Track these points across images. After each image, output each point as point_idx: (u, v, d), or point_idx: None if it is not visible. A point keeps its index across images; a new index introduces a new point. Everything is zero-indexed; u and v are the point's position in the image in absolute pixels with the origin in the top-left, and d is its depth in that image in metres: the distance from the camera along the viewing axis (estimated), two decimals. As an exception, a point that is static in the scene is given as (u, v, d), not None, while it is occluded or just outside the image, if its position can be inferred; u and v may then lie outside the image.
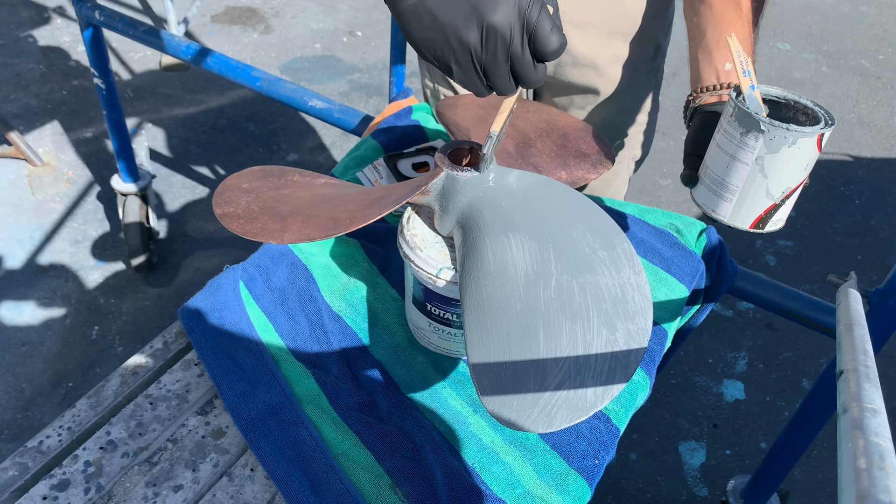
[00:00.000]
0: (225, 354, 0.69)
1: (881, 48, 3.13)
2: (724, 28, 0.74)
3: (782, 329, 1.84)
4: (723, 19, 0.75)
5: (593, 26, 0.91)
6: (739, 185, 0.63)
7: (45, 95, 2.42)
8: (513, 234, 0.59)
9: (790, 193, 0.63)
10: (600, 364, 0.53)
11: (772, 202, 0.63)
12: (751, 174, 0.62)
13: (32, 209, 2.00)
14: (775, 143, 0.59)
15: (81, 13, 1.39)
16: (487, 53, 0.52)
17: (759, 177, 0.62)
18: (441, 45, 0.52)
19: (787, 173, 0.61)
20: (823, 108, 0.63)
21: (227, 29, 2.89)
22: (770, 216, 0.64)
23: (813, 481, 1.50)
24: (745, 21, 0.75)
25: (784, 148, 0.59)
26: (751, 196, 0.63)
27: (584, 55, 0.93)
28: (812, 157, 0.60)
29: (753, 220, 0.64)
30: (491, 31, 0.51)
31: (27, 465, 0.61)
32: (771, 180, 0.62)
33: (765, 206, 0.63)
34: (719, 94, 0.73)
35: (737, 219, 0.65)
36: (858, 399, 0.35)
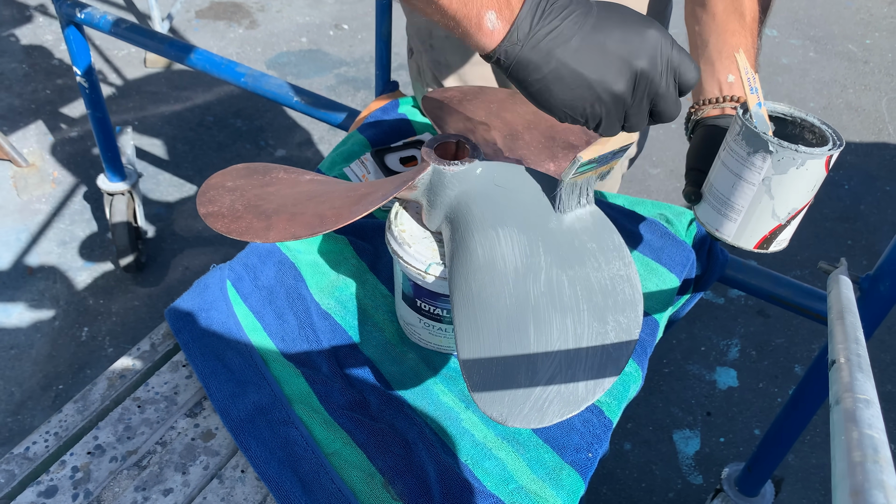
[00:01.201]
0: (213, 355, 0.68)
1: (868, 32, 3.13)
2: (726, 38, 0.72)
3: (774, 316, 1.84)
4: (725, 29, 0.73)
5: None
6: (745, 206, 0.62)
7: (29, 95, 2.39)
8: (501, 228, 0.59)
9: (796, 214, 0.62)
10: (591, 357, 0.53)
11: (777, 223, 0.62)
12: (757, 194, 0.61)
13: (18, 210, 1.98)
14: (783, 165, 0.58)
15: (62, 11, 1.37)
16: (636, 98, 0.51)
17: (766, 197, 0.61)
18: (591, 101, 0.51)
19: (794, 194, 0.60)
20: (831, 128, 0.62)
21: (212, 24, 2.87)
22: (775, 236, 0.63)
23: (807, 466, 1.51)
24: (747, 31, 0.73)
25: (792, 169, 0.58)
26: (756, 216, 0.62)
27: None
28: (820, 179, 0.59)
29: (758, 240, 0.63)
30: (641, 77, 0.50)
31: (14, 472, 0.60)
32: (777, 201, 0.60)
33: (770, 227, 0.62)
34: (722, 106, 0.72)
35: (741, 239, 0.64)
36: (851, 389, 0.35)
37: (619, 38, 0.49)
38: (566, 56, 0.49)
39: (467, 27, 0.49)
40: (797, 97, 2.69)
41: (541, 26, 0.49)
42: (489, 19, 0.48)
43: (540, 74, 0.49)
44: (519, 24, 0.48)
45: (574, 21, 0.49)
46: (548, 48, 0.49)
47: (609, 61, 0.49)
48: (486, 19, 0.48)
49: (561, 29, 0.49)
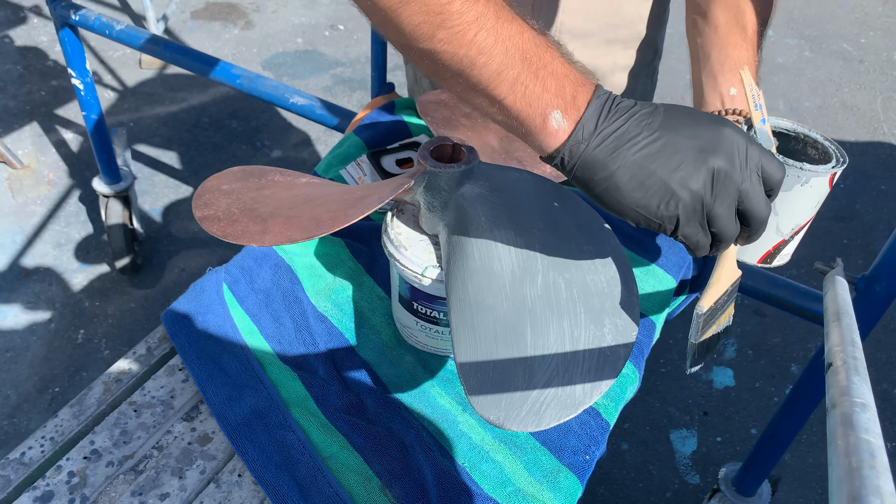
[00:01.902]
0: (209, 359, 0.68)
1: (863, 32, 3.14)
2: (728, 52, 0.72)
3: (771, 315, 1.84)
4: (727, 42, 0.73)
5: (592, 35, 0.89)
6: None
7: (24, 97, 2.38)
8: (498, 230, 0.59)
9: (799, 230, 0.62)
10: (588, 360, 0.53)
11: (781, 238, 0.62)
12: None
13: (13, 212, 1.98)
14: (787, 182, 0.58)
15: (56, 12, 1.37)
16: (716, 196, 0.48)
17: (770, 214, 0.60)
18: (665, 198, 0.47)
19: (797, 211, 0.60)
20: (834, 144, 0.62)
21: (208, 25, 2.86)
22: (778, 251, 0.63)
23: (803, 466, 1.51)
24: (749, 44, 0.73)
25: (796, 186, 0.58)
26: None
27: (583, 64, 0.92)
28: (823, 195, 0.59)
29: (761, 255, 0.64)
30: (719, 173, 0.47)
31: (9, 477, 0.60)
32: (781, 217, 0.61)
33: (773, 243, 0.63)
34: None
35: (745, 254, 0.64)
36: (847, 393, 0.35)
37: (690, 134, 0.47)
38: (635, 154, 0.47)
39: (531, 126, 0.48)
40: (792, 96, 2.70)
41: (607, 124, 0.47)
42: (554, 118, 0.47)
43: (607, 173, 0.47)
44: (585, 122, 0.47)
45: (640, 119, 0.47)
46: (615, 146, 0.47)
47: (681, 157, 0.47)
48: (552, 119, 0.47)
49: (627, 127, 0.47)
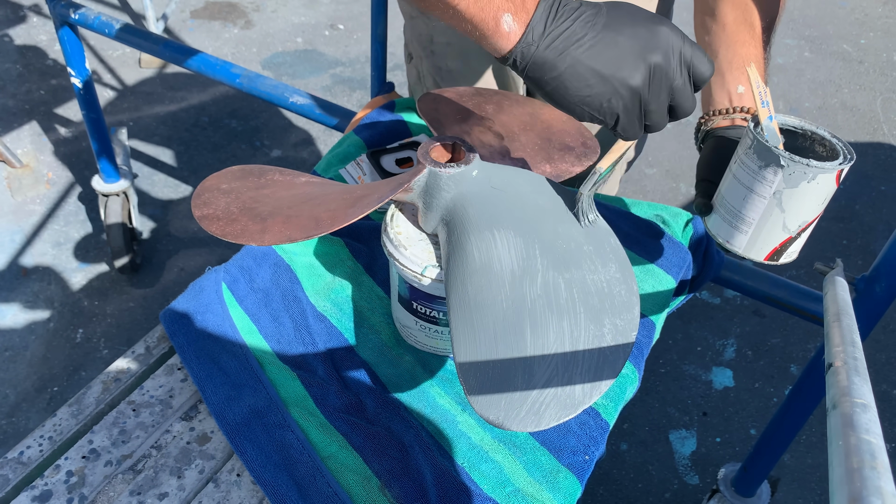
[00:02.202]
0: (208, 358, 0.68)
1: (863, 32, 3.14)
2: (736, 49, 0.73)
3: (770, 315, 1.84)
4: (735, 40, 0.73)
5: None
6: (756, 218, 0.62)
7: (23, 95, 2.38)
8: (498, 230, 0.58)
9: (806, 227, 0.62)
10: (588, 360, 0.53)
11: (788, 235, 0.63)
12: (768, 207, 0.61)
13: (12, 212, 1.97)
14: (794, 179, 0.59)
15: (56, 11, 1.37)
16: (652, 93, 0.52)
17: (777, 210, 0.61)
18: (609, 96, 0.51)
19: (804, 208, 0.61)
20: (842, 141, 0.63)
21: (207, 25, 2.86)
22: (785, 249, 0.64)
23: (802, 466, 1.51)
24: (757, 42, 0.73)
25: (803, 183, 0.59)
26: (767, 229, 0.63)
27: None
28: (830, 192, 0.60)
29: (768, 252, 0.64)
30: (656, 70, 0.51)
31: (8, 476, 0.60)
32: (788, 214, 0.61)
33: (781, 239, 0.63)
34: (732, 117, 0.72)
35: (752, 251, 0.65)
36: (848, 394, 0.34)
37: (631, 33, 0.50)
38: (580, 53, 0.50)
39: (484, 30, 0.50)
40: (792, 97, 2.70)
41: (555, 26, 0.50)
42: (506, 21, 0.50)
43: (556, 72, 0.50)
44: (534, 25, 0.50)
45: (585, 20, 0.50)
46: (562, 47, 0.50)
47: (623, 56, 0.50)
48: (503, 22, 0.50)
49: (573, 28, 0.50)
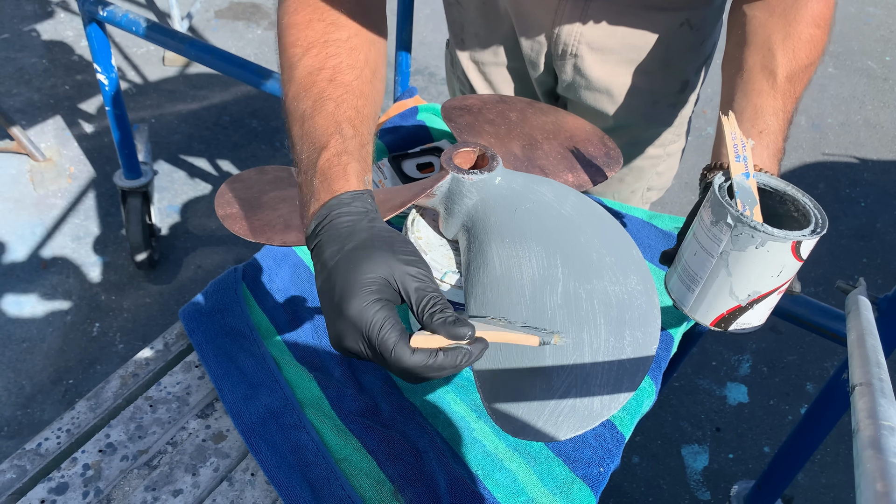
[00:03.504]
0: (226, 357, 0.68)
1: (888, 49, 3.11)
2: (751, 98, 0.67)
3: (786, 332, 1.83)
4: (752, 89, 0.67)
5: (612, 52, 0.87)
6: (703, 277, 0.58)
7: (48, 90, 2.41)
8: (519, 238, 0.58)
9: (759, 298, 0.57)
10: (607, 372, 0.52)
11: (736, 303, 0.57)
12: (715, 268, 0.57)
13: (34, 204, 2.00)
14: (742, 241, 0.54)
15: (84, 8, 1.38)
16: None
17: (724, 272, 0.56)
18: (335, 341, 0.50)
19: (754, 276, 0.55)
20: (820, 213, 0.57)
21: (231, 24, 2.88)
22: (734, 317, 0.58)
23: (817, 486, 1.50)
24: (778, 93, 0.67)
25: (751, 248, 0.54)
26: (713, 291, 0.58)
27: (598, 80, 0.89)
28: (786, 265, 0.54)
29: (715, 317, 0.59)
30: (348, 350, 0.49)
31: (25, 467, 0.60)
32: (735, 279, 0.56)
33: (728, 306, 0.58)
34: None
35: (697, 312, 0.60)
36: (874, 416, 0.34)
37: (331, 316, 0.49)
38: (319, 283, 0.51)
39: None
40: (815, 113, 2.68)
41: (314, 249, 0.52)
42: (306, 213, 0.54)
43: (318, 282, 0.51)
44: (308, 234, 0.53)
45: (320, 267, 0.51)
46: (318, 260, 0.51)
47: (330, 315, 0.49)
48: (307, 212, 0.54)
49: (317, 263, 0.51)
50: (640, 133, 0.96)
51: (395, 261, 0.48)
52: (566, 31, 0.86)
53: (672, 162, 1.02)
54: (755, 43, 0.69)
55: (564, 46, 0.87)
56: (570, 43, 0.86)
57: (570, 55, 0.88)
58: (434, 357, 0.47)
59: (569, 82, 0.92)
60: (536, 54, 0.91)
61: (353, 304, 0.47)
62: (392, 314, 0.47)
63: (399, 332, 0.47)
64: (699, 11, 0.84)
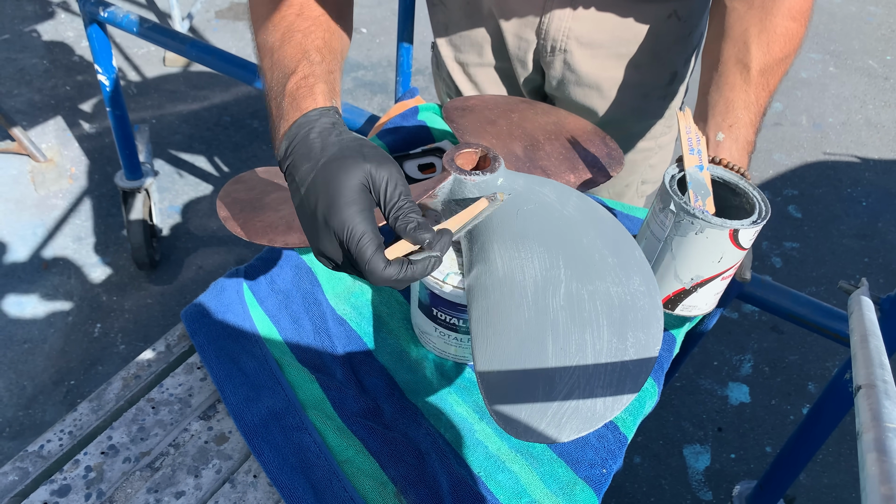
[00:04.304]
0: (228, 358, 0.68)
1: (889, 48, 3.11)
2: (724, 92, 0.69)
3: (788, 332, 1.82)
4: (725, 82, 0.69)
5: (601, 47, 0.87)
6: (651, 260, 0.62)
7: (49, 91, 2.41)
8: (521, 239, 0.58)
9: (702, 282, 0.61)
10: (610, 373, 0.52)
11: (680, 286, 0.62)
12: (661, 251, 0.61)
13: (35, 205, 2.00)
14: (682, 227, 0.58)
15: (85, 9, 1.38)
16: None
17: (668, 255, 0.60)
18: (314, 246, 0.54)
19: (695, 261, 0.59)
20: (765, 205, 0.60)
21: (232, 25, 2.88)
22: (680, 299, 0.63)
23: (818, 486, 1.49)
24: (751, 87, 0.68)
25: (691, 234, 0.58)
26: (660, 273, 0.62)
27: (588, 75, 0.89)
28: (726, 252, 0.58)
29: (662, 299, 0.63)
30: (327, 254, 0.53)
31: (28, 469, 0.60)
32: (679, 263, 0.60)
33: (673, 288, 0.62)
34: None
35: None
36: (879, 418, 0.34)
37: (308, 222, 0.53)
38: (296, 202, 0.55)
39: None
40: (816, 112, 2.67)
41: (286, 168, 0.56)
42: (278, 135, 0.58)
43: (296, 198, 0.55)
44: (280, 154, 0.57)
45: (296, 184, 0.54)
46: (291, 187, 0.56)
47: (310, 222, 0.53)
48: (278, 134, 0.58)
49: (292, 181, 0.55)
50: (631, 127, 0.96)
51: (367, 166, 0.52)
52: (555, 27, 0.86)
53: (664, 154, 1.03)
54: (732, 36, 0.71)
55: (553, 42, 0.87)
56: (559, 38, 0.87)
57: (559, 51, 0.88)
58: (405, 269, 0.51)
59: (558, 79, 0.92)
60: (524, 52, 0.91)
61: (334, 216, 0.50)
62: (371, 226, 0.51)
63: (376, 244, 0.50)
64: (686, 3, 0.85)
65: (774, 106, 2.69)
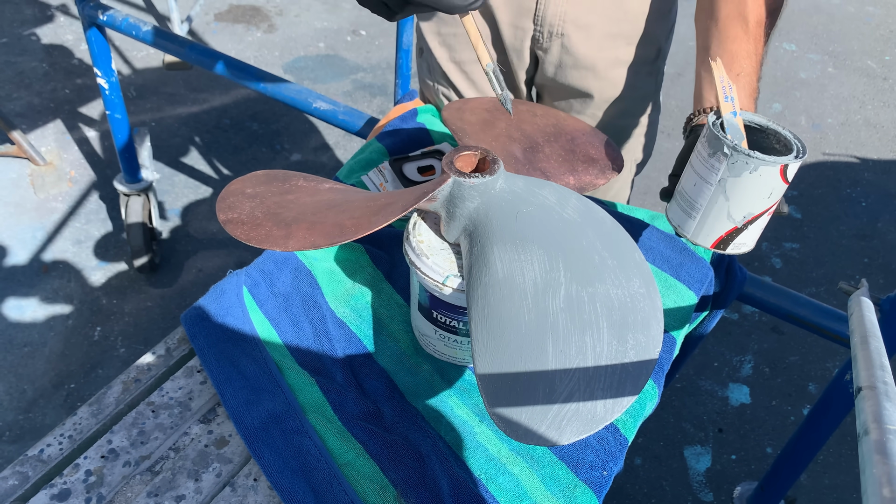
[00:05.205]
0: (228, 361, 0.68)
1: (888, 49, 3.11)
2: (727, 45, 0.73)
3: (788, 333, 1.82)
4: (727, 36, 0.74)
5: (595, 27, 0.90)
6: (703, 204, 0.65)
7: (48, 94, 2.41)
8: (521, 242, 0.58)
9: (753, 219, 0.64)
10: (610, 376, 0.52)
11: (733, 225, 0.64)
12: (714, 194, 0.64)
13: (35, 208, 2.00)
14: (737, 168, 0.61)
15: (84, 13, 1.38)
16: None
17: (722, 198, 0.63)
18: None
19: (748, 199, 0.63)
20: (800, 141, 0.64)
21: (231, 27, 2.89)
22: (732, 238, 0.66)
23: (819, 487, 1.49)
24: (750, 37, 0.74)
25: (745, 173, 0.61)
26: (713, 216, 0.65)
27: (585, 57, 0.93)
28: (775, 187, 0.62)
29: (715, 240, 0.66)
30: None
31: (27, 474, 0.60)
32: (732, 203, 0.63)
33: (726, 228, 0.65)
34: None
35: (699, 236, 0.67)
36: (880, 420, 0.34)
37: None
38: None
39: None
40: (815, 112, 2.67)
41: None
42: None
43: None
44: None
45: None
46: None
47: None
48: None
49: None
50: (624, 105, 1.00)
51: None
52: (551, 13, 0.89)
53: (653, 130, 1.07)
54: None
55: (550, 28, 0.91)
56: (556, 23, 0.90)
57: (556, 35, 0.91)
58: None
59: (556, 64, 0.95)
60: (521, 42, 0.94)
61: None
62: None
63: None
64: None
65: (773, 106, 2.69)
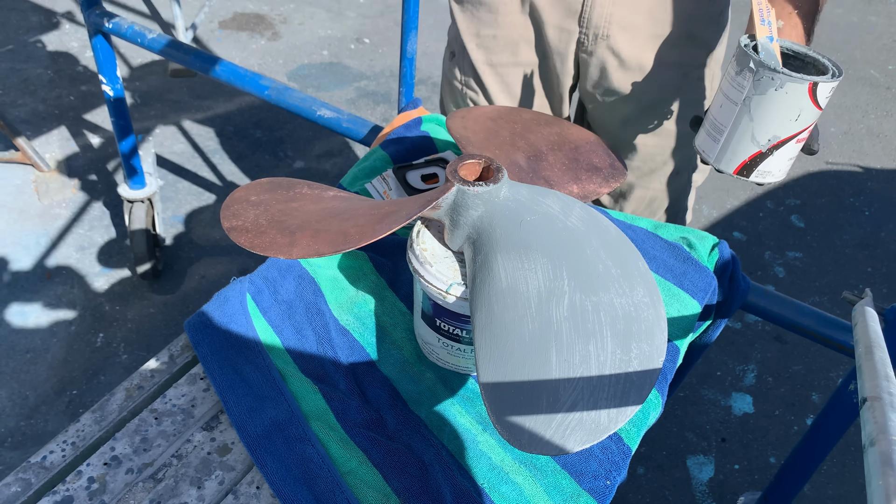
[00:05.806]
0: (231, 369, 0.68)
1: (891, 58, 3.12)
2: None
3: (791, 342, 1.82)
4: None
5: (640, 28, 0.90)
6: (728, 126, 0.63)
7: (53, 101, 2.42)
8: (525, 250, 0.58)
9: (778, 144, 0.62)
10: (614, 385, 0.52)
11: (757, 149, 0.63)
12: (739, 114, 0.62)
13: (39, 215, 2.00)
14: (763, 84, 0.59)
15: (90, 20, 1.39)
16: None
17: (746, 118, 0.61)
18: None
19: (774, 119, 0.61)
20: (837, 67, 0.62)
21: (235, 35, 2.90)
22: (755, 164, 0.64)
23: (823, 497, 1.49)
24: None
25: (771, 90, 0.59)
26: (736, 138, 0.63)
27: (630, 58, 0.93)
28: (804, 108, 0.60)
29: (738, 165, 0.64)
30: None
31: (30, 481, 0.60)
32: (757, 124, 0.61)
33: (750, 152, 0.63)
34: None
35: (721, 161, 0.65)
36: (885, 431, 0.34)
37: None
38: None
39: None
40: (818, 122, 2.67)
41: None
42: None
43: None
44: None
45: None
46: None
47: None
48: None
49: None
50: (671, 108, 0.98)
51: None
52: (597, 14, 0.89)
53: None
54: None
55: (596, 29, 0.91)
56: (602, 25, 0.90)
57: (602, 37, 0.91)
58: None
59: (601, 67, 0.94)
60: (565, 44, 0.94)
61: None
62: None
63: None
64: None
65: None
